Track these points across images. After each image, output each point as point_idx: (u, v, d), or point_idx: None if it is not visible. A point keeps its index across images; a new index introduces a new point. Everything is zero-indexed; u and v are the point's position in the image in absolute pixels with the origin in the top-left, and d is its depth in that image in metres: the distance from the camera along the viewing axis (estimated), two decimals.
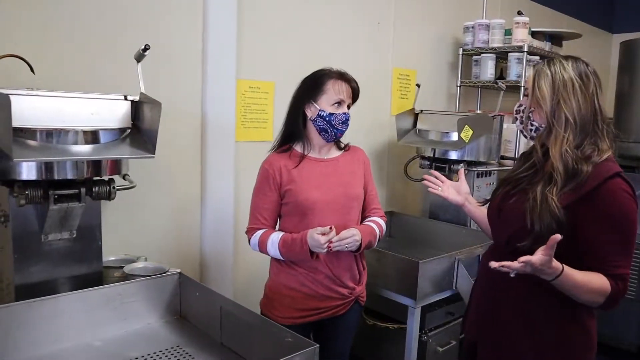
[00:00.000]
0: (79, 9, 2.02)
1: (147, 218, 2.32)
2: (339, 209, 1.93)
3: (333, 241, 1.78)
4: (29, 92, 1.49)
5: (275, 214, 1.98)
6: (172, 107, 2.29)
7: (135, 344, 1.68)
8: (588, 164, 1.46)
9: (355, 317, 2.08)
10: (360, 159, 2.07)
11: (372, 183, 2.09)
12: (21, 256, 1.66)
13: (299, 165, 1.95)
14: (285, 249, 1.88)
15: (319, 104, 1.90)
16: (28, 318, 1.57)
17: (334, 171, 1.98)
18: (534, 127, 1.59)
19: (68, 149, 1.55)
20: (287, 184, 1.92)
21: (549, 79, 1.52)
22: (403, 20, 3.39)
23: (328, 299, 1.95)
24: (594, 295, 1.43)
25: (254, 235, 1.95)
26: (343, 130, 1.94)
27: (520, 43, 3.34)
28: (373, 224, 2.01)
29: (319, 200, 1.90)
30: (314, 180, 1.93)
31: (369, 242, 1.93)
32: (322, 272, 1.93)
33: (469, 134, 2.79)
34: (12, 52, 1.76)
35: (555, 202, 1.44)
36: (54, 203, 1.59)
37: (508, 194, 1.63)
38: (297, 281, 1.94)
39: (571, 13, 5.05)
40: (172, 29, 2.30)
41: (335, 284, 1.94)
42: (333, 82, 1.91)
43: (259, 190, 1.97)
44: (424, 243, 3.10)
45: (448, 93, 3.81)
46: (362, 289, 2.05)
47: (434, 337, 2.57)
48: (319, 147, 1.99)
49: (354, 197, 1.98)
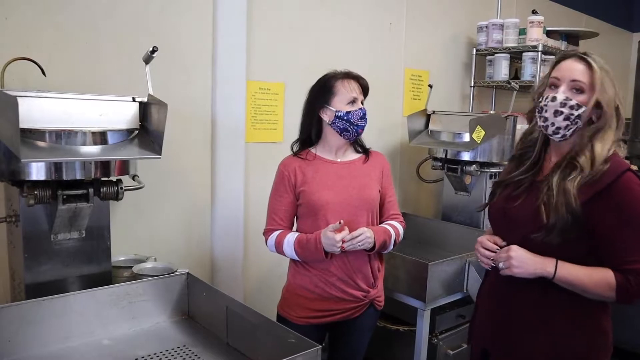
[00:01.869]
0: (90, 12, 2.05)
1: (158, 219, 2.35)
2: (352, 210, 1.92)
3: (345, 240, 1.78)
4: (37, 94, 1.52)
5: (292, 215, 1.99)
6: (183, 108, 2.32)
7: (143, 343, 1.70)
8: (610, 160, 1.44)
9: (370, 321, 2.05)
10: (378, 163, 2.05)
11: (391, 189, 2.07)
12: (31, 255, 1.69)
13: (314, 167, 1.96)
14: (300, 249, 1.89)
15: (334, 106, 1.91)
16: (38, 316, 1.59)
17: (349, 173, 1.98)
18: (577, 125, 1.49)
19: (76, 150, 1.57)
20: (302, 185, 1.94)
21: (609, 78, 1.46)
22: (415, 20, 3.37)
23: (341, 301, 1.94)
24: (601, 289, 1.42)
25: (271, 237, 1.97)
26: (363, 126, 1.95)
27: (535, 42, 3.30)
28: (388, 226, 1.99)
29: (331, 201, 1.91)
30: (328, 181, 1.94)
31: (383, 241, 1.91)
32: (335, 274, 1.92)
33: (481, 135, 2.76)
34: (24, 55, 1.79)
35: (574, 194, 1.41)
36: (63, 203, 1.62)
37: (510, 196, 1.59)
38: (311, 282, 1.94)
39: (590, 12, 4.97)
40: (182, 31, 2.32)
41: (348, 287, 1.93)
42: (341, 82, 1.92)
43: (275, 192, 1.99)
44: (436, 245, 3.08)
45: (462, 94, 3.78)
46: (378, 292, 2.02)
47: (445, 340, 2.55)
48: (336, 149, 1.99)
49: (368, 200, 1.96)
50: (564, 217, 1.42)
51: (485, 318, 1.70)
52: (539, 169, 1.59)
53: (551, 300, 1.51)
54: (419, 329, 2.40)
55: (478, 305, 1.77)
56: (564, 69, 1.50)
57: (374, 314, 2.06)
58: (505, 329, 1.60)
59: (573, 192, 1.41)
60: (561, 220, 1.42)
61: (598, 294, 1.44)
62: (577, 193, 1.42)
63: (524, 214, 1.52)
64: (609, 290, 1.41)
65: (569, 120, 1.47)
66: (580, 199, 1.41)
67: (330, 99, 1.92)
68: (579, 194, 1.42)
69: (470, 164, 2.99)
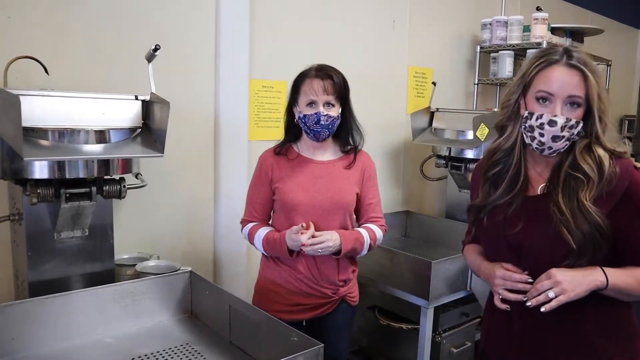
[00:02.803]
0: (93, 11, 2.06)
1: (161, 217, 2.35)
2: (323, 213, 1.88)
3: (306, 244, 1.76)
4: (40, 93, 1.53)
5: (268, 208, 1.99)
6: (186, 106, 2.32)
7: (146, 341, 1.70)
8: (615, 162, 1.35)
9: (346, 318, 2.02)
10: (360, 165, 1.98)
11: (374, 190, 2.01)
12: (35, 253, 1.70)
13: (291, 165, 1.94)
14: (268, 246, 1.90)
15: (299, 106, 1.89)
16: (41, 314, 1.60)
17: (326, 174, 1.93)
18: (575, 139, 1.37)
19: (79, 149, 1.58)
20: (277, 181, 1.93)
21: (601, 80, 1.34)
22: (419, 18, 3.35)
23: (311, 296, 1.93)
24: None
25: (245, 228, 1.98)
26: (319, 131, 1.85)
27: (539, 39, 3.28)
28: (363, 230, 1.94)
29: (303, 202, 1.88)
30: (303, 181, 1.91)
31: (352, 248, 1.86)
32: (303, 272, 1.91)
33: (485, 132, 2.75)
34: (28, 53, 1.80)
35: (592, 208, 1.29)
36: (66, 201, 1.62)
37: (506, 220, 1.42)
38: (281, 277, 1.94)
39: (595, 8, 4.94)
40: (185, 30, 2.32)
41: (316, 284, 1.93)
42: (308, 81, 1.85)
43: (254, 184, 2.00)
44: (440, 243, 3.07)
45: (466, 91, 3.76)
46: (349, 289, 2.00)
47: (448, 338, 2.54)
48: (312, 147, 1.96)
49: (341, 204, 1.91)
50: (592, 236, 1.30)
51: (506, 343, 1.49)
52: (524, 184, 1.44)
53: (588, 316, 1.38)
54: (422, 327, 2.39)
55: (489, 326, 1.59)
56: (556, 82, 1.33)
57: (349, 310, 2.03)
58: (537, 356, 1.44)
59: (591, 207, 1.30)
60: (590, 241, 1.30)
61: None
62: (597, 205, 1.31)
63: (541, 241, 1.38)
64: None
65: (569, 140, 1.36)
66: (603, 210, 1.31)
67: (297, 98, 1.89)
68: (599, 206, 1.31)
69: (474, 161, 2.97)
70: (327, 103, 1.84)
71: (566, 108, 1.34)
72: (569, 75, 1.33)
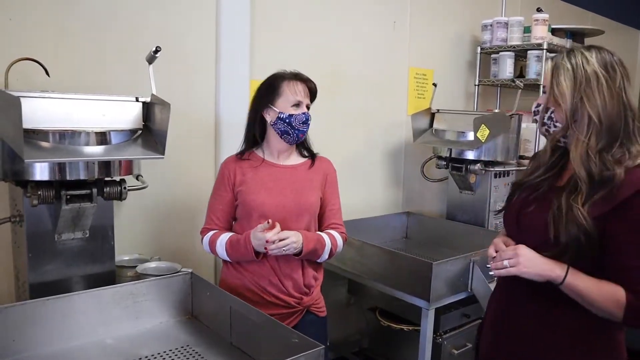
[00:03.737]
0: (93, 12, 2.06)
1: (162, 218, 2.35)
2: (287, 215, 1.89)
3: (270, 240, 1.74)
4: (40, 94, 1.52)
5: (230, 215, 1.98)
6: (186, 108, 2.32)
7: (147, 343, 1.70)
8: (620, 168, 1.29)
9: (315, 331, 1.89)
10: (322, 169, 2.00)
11: (335, 197, 2.03)
12: (35, 255, 1.70)
13: (255, 169, 1.94)
14: (231, 250, 1.88)
15: (277, 107, 1.89)
16: (42, 316, 1.60)
17: (289, 177, 1.95)
18: (558, 127, 1.41)
19: (80, 150, 1.57)
20: (240, 185, 1.92)
21: (569, 73, 1.35)
22: (419, 19, 3.36)
23: (273, 306, 1.90)
24: (609, 304, 1.30)
25: (206, 236, 1.96)
26: (304, 131, 1.92)
27: (540, 40, 3.28)
28: (324, 234, 1.94)
29: (266, 203, 1.88)
30: (266, 183, 1.91)
31: (313, 249, 1.86)
32: (266, 277, 1.90)
33: (486, 134, 2.75)
34: (28, 55, 1.79)
35: (582, 213, 1.29)
36: (66, 203, 1.62)
37: (526, 200, 1.49)
38: (243, 285, 1.92)
39: (596, 9, 4.94)
40: (185, 31, 2.32)
41: (279, 292, 1.90)
42: (288, 83, 1.89)
43: (215, 191, 1.99)
44: (441, 244, 3.07)
45: (466, 92, 3.77)
46: (313, 299, 1.98)
47: (449, 340, 2.54)
48: (278, 152, 1.97)
49: (305, 206, 1.92)
50: (577, 238, 1.31)
51: (488, 329, 1.62)
52: (558, 172, 1.49)
53: (556, 316, 1.43)
54: (423, 328, 2.39)
55: (486, 314, 1.70)
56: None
57: (318, 322, 2.00)
58: (505, 340, 1.53)
59: (581, 211, 1.30)
60: (574, 241, 1.31)
61: (604, 308, 1.31)
62: (590, 207, 1.30)
63: (536, 224, 1.43)
64: (617, 308, 1.29)
65: (545, 125, 1.45)
66: (593, 213, 1.30)
67: (275, 100, 1.89)
68: (593, 208, 1.30)
69: (474, 162, 2.98)
70: (307, 106, 1.93)
71: (544, 97, 1.45)
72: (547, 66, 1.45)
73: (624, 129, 1.34)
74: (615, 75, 1.35)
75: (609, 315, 1.33)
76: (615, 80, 1.34)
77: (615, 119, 1.33)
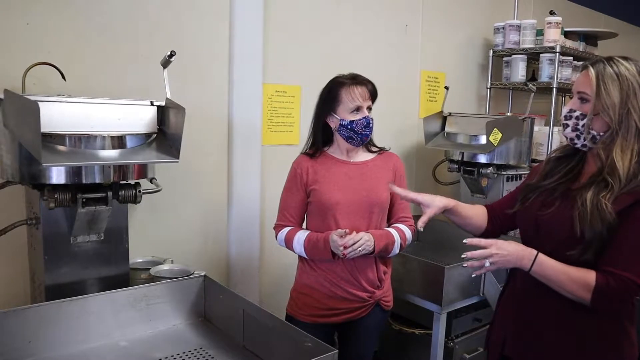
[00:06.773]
0: (109, 18, 2.08)
1: (175, 221, 2.36)
2: (360, 212, 1.94)
3: (347, 245, 1.79)
4: (57, 99, 1.54)
5: (302, 212, 2.02)
6: (199, 111, 2.34)
7: (160, 345, 1.71)
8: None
9: (377, 321, 2.06)
10: (391, 165, 2.05)
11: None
12: (51, 257, 1.72)
13: (326, 167, 1.98)
14: (309, 248, 1.92)
15: (338, 114, 1.92)
16: (57, 317, 1.62)
17: (360, 174, 1.98)
18: (592, 134, 1.46)
19: (96, 154, 1.59)
20: (313, 183, 1.96)
21: (617, 84, 1.40)
22: (431, 22, 3.35)
23: (346, 301, 1.96)
24: (578, 287, 1.40)
25: (281, 232, 2.00)
26: (367, 134, 1.95)
27: (552, 44, 3.26)
28: (392, 229, 1.99)
29: (341, 201, 1.92)
30: (339, 181, 1.95)
31: (385, 245, 1.91)
32: (340, 275, 1.94)
33: (498, 137, 2.74)
34: (45, 60, 1.82)
35: (609, 209, 1.37)
36: (82, 206, 1.64)
37: (544, 203, 1.54)
38: (317, 282, 1.97)
39: (609, 12, 4.90)
40: (199, 35, 2.34)
41: (353, 287, 1.95)
42: (346, 89, 1.91)
43: (288, 189, 2.02)
44: (453, 248, 3.04)
45: (478, 95, 3.75)
46: (384, 293, 2.03)
47: (461, 344, 2.53)
48: (347, 150, 2.01)
49: (377, 203, 1.96)
50: (600, 233, 1.37)
51: (505, 323, 1.66)
52: (575, 176, 1.54)
53: (568, 315, 1.48)
54: (435, 332, 2.38)
55: (497, 312, 1.74)
56: (575, 81, 1.52)
57: (382, 314, 2.06)
58: (527, 328, 1.57)
59: (608, 209, 1.37)
60: (598, 236, 1.38)
61: (573, 292, 1.41)
62: (614, 203, 1.37)
63: (558, 222, 1.48)
64: (586, 291, 1.39)
65: (577, 131, 1.48)
66: (617, 208, 1.37)
67: (335, 107, 1.92)
68: (617, 202, 1.38)
69: (486, 166, 2.97)
70: (368, 107, 1.95)
71: (577, 104, 1.48)
72: (582, 74, 1.49)
73: None
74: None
75: (576, 298, 1.42)
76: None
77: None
